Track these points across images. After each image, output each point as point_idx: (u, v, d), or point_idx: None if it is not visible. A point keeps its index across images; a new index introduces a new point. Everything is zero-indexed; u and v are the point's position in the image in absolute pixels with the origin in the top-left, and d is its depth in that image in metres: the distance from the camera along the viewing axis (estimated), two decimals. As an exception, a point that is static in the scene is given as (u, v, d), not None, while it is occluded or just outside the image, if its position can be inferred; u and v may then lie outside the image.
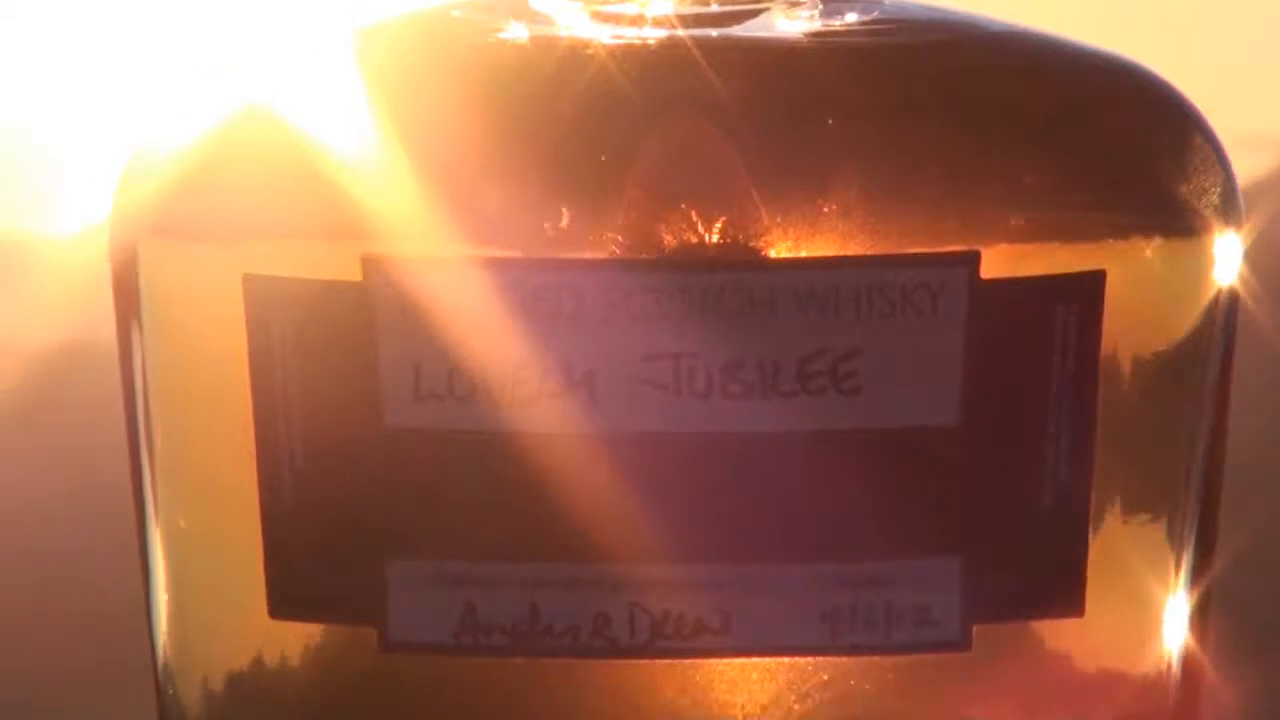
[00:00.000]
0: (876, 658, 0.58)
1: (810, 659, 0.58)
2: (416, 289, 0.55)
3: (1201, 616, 0.61)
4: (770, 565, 0.56)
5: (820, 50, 0.59)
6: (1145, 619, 0.60)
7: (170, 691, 0.62)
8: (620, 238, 0.55)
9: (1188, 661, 0.61)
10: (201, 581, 0.61)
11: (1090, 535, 0.58)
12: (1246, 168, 0.60)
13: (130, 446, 0.62)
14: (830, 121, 0.57)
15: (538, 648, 0.57)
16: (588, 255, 0.55)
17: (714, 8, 0.59)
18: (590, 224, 0.55)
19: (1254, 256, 0.60)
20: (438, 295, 0.55)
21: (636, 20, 0.59)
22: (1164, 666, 0.61)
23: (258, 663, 0.60)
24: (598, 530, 0.56)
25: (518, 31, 0.60)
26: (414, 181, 0.56)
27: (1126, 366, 0.58)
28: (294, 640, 0.59)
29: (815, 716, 0.59)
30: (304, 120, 0.58)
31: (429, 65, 0.59)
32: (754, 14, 0.60)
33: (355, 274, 0.55)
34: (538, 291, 0.55)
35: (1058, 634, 0.59)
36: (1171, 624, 0.61)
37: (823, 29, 0.59)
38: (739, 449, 0.55)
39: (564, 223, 0.54)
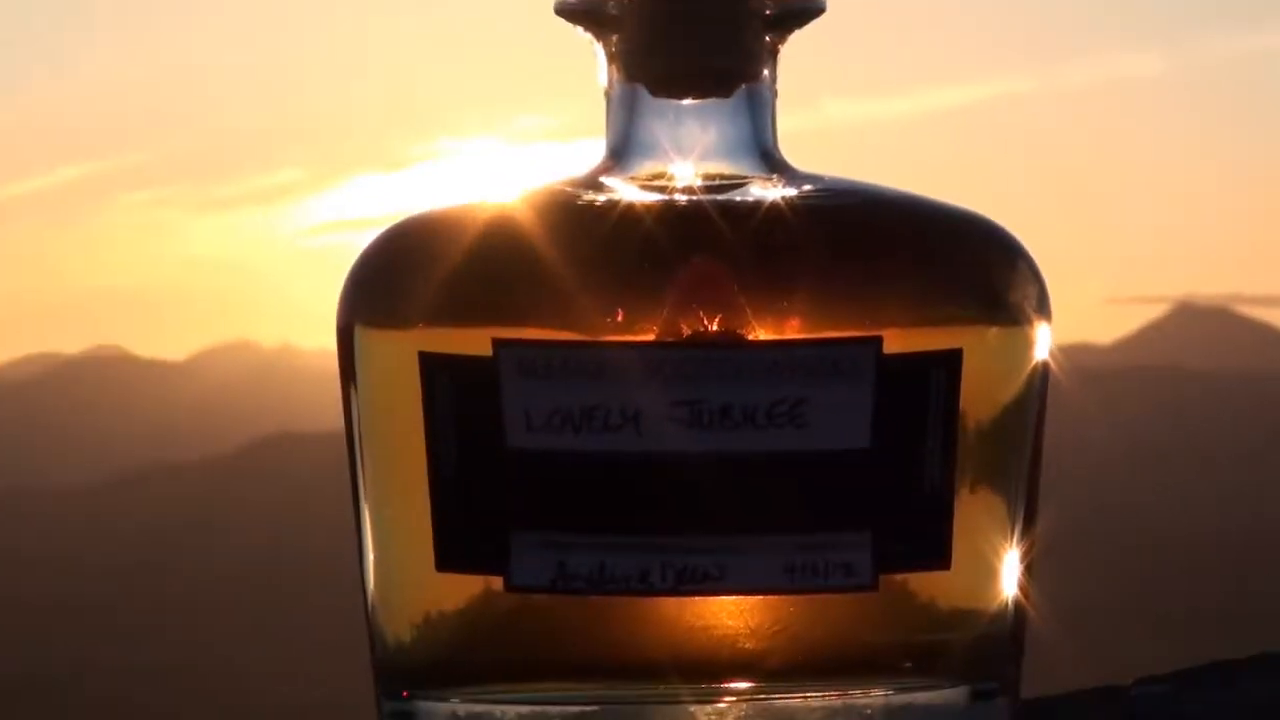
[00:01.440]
0: (819, 596, 0.73)
1: (777, 597, 0.73)
2: (526, 361, 0.73)
3: (1026, 570, 0.76)
4: (752, 536, 0.73)
5: (783, 208, 0.76)
6: (990, 570, 0.76)
7: (376, 623, 0.77)
8: (656, 327, 0.73)
9: (1018, 598, 0.76)
10: (394, 552, 0.77)
11: (954, 517, 0.74)
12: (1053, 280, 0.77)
13: (350, 463, 0.77)
14: (789, 254, 0.75)
15: (604, 590, 0.73)
16: (636, 338, 0.73)
17: (717, 183, 0.77)
18: (639, 319, 0.73)
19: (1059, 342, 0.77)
20: (539, 364, 0.73)
21: (668, 190, 0.77)
22: (1004, 600, 0.76)
23: (430, 601, 0.76)
24: (643, 513, 0.73)
25: (593, 196, 0.77)
26: (527, 292, 0.74)
27: (979, 408, 0.75)
28: (451, 584, 0.75)
29: (783, 634, 0.74)
30: (455, 249, 0.76)
31: (542, 216, 0.76)
32: (742, 185, 0.77)
33: (487, 350, 0.73)
34: (601, 362, 0.73)
35: (933, 580, 0.75)
36: (1008, 573, 0.76)
37: (782, 196, 0.76)
38: (733, 461, 0.72)
39: (620, 318, 0.73)
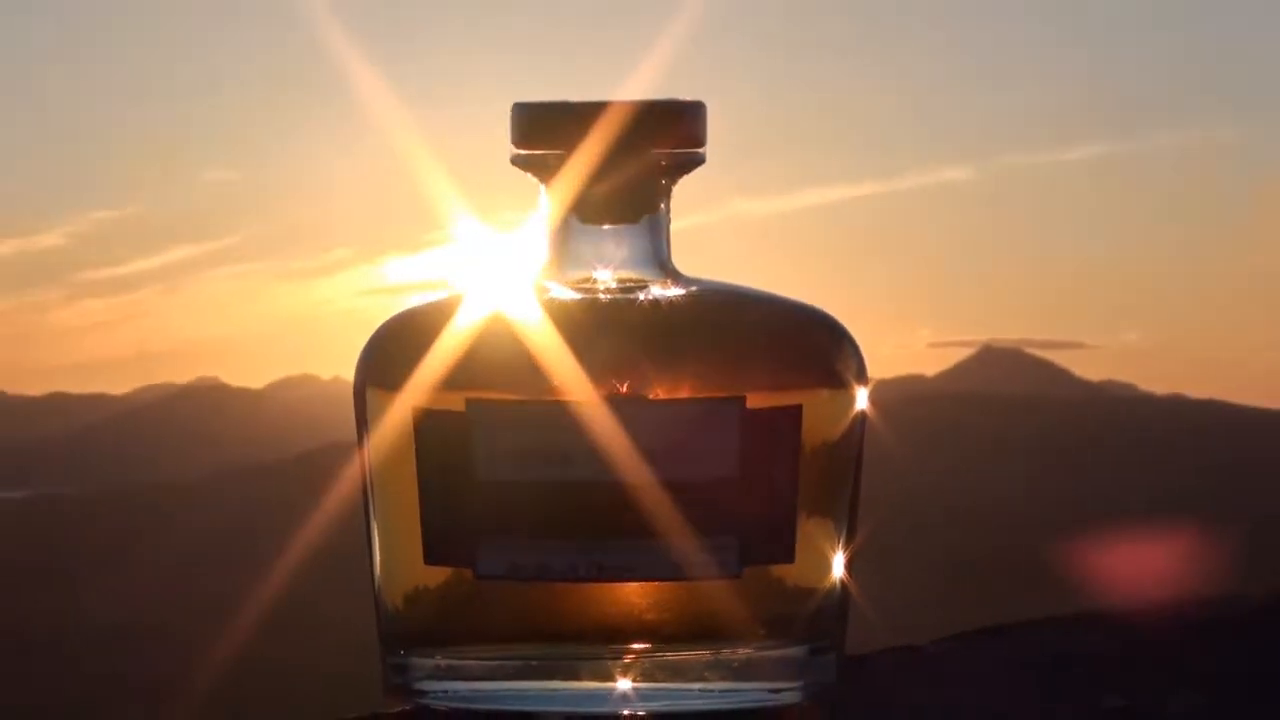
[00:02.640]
0: (701, 581, 0.72)
1: (670, 583, 0.73)
2: (490, 415, 0.73)
3: (848, 562, 0.75)
4: (653, 540, 0.72)
5: (675, 305, 0.75)
6: (823, 563, 0.75)
7: (380, 600, 0.76)
8: (593, 389, 0.72)
9: (844, 581, 0.75)
10: (393, 548, 0.76)
11: (797, 526, 0.73)
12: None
13: (362, 484, 0.76)
14: (678, 337, 0.75)
15: (545, 579, 0.72)
16: (569, 399, 0.72)
17: (627, 285, 0.75)
18: (571, 384, 0.72)
19: (873, 398, 0.76)
20: (499, 417, 0.73)
21: (592, 290, 0.76)
22: (833, 584, 0.75)
23: (419, 584, 0.75)
24: (573, 525, 0.72)
25: (549, 292, 0.75)
26: (490, 365, 0.74)
27: (815, 448, 0.74)
28: (434, 573, 0.74)
29: (674, 609, 0.73)
30: (438, 333, 0.74)
31: (500, 309, 0.75)
32: (645, 287, 0.76)
33: (462, 407, 0.72)
34: (543, 416, 0.72)
35: (782, 570, 0.74)
36: (836, 565, 0.75)
37: (674, 295, 0.76)
38: (639, 487, 0.71)
39: (557, 383, 0.72)
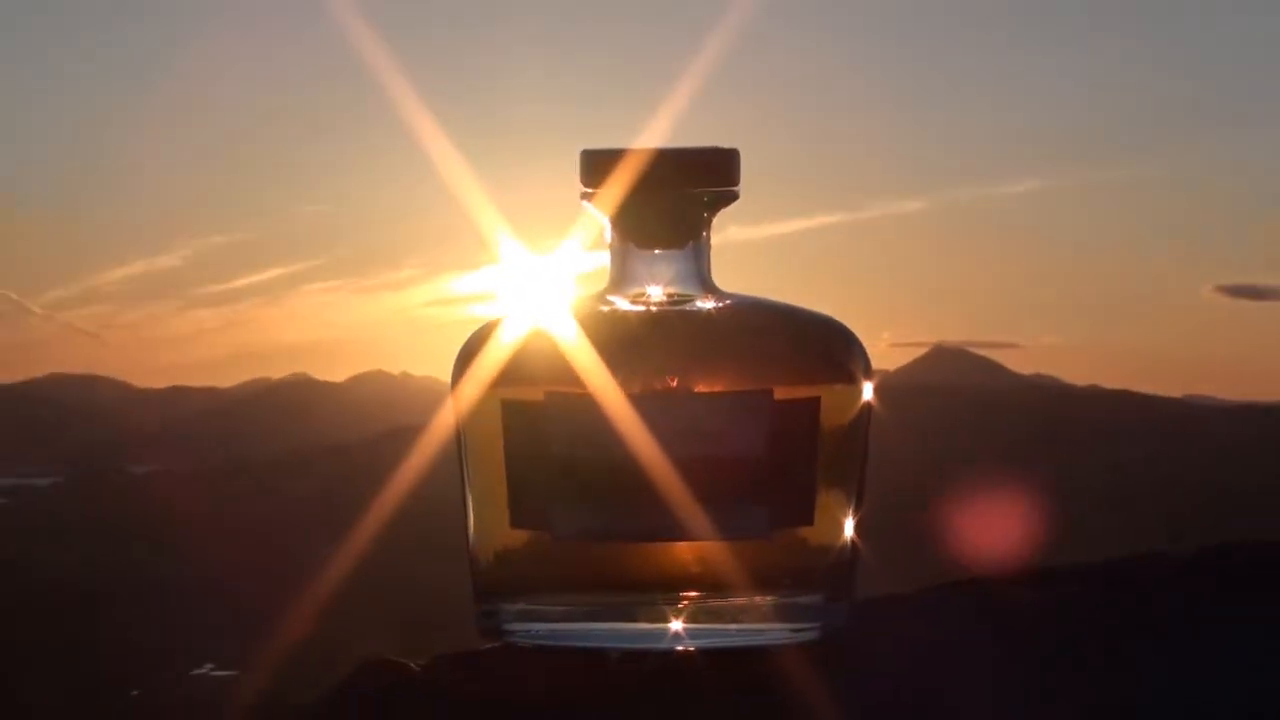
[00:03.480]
0: (738, 541, 0.72)
1: (714, 542, 0.72)
2: (564, 404, 0.72)
3: (857, 529, 0.74)
4: (700, 507, 0.71)
5: (715, 315, 0.75)
6: (837, 527, 0.74)
7: (473, 557, 0.75)
8: (647, 384, 0.72)
9: (853, 541, 0.74)
10: (485, 515, 0.75)
11: (816, 495, 0.73)
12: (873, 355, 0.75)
13: (458, 461, 0.75)
14: (719, 342, 0.74)
15: (609, 539, 0.72)
16: (634, 391, 0.71)
17: (675, 299, 0.75)
18: (631, 379, 0.71)
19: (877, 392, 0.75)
20: (571, 405, 0.72)
21: (646, 304, 0.75)
22: (845, 544, 0.74)
23: (506, 544, 0.74)
24: (633, 494, 0.71)
25: (602, 308, 0.75)
26: (565, 364, 0.72)
27: (830, 432, 0.72)
28: (519, 535, 0.74)
29: (715, 563, 0.72)
30: (518, 334, 0.74)
31: (572, 319, 0.74)
32: (689, 301, 0.75)
33: (540, 398, 0.72)
34: (608, 404, 0.71)
35: (804, 533, 0.73)
36: (848, 529, 0.74)
37: (714, 307, 0.75)
38: (687, 463, 0.71)
39: (618, 379, 0.71)
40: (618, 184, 0.74)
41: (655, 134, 0.78)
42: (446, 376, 0.76)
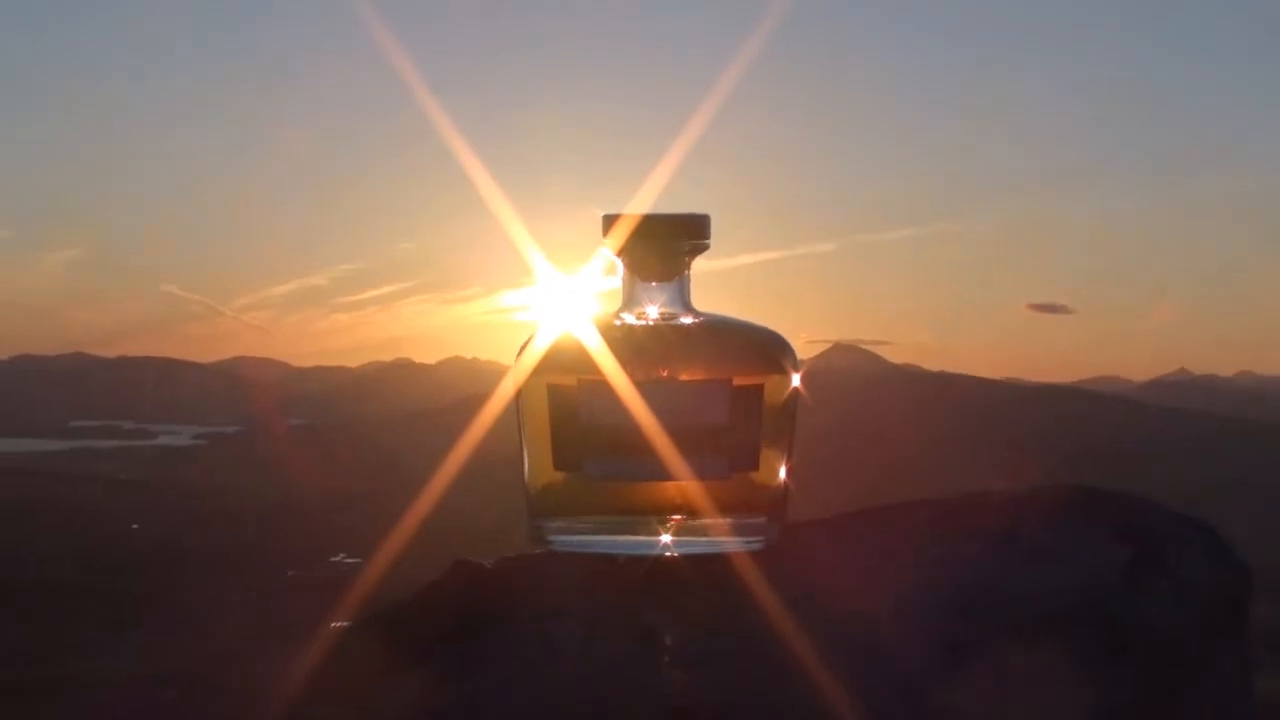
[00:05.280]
0: (708, 480, 0.70)
1: (691, 481, 0.69)
2: (592, 388, 0.70)
3: (788, 473, 0.72)
4: (683, 458, 0.69)
5: (694, 328, 0.72)
6: (774, 471, 0.72)
7: (527, 489, 0.73)
8: (646, 374, 0.69)
9: (786, 483, 0.72)
10: (536, 460, 0.72)
11: (760, 449, 0.70)
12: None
13: (517, 423, 0.73)
14: (696, 344, 0.71)
15: (622, 479, 0.70)
16: (638, 379, 0.69)
17: (666, 316, 0.72)
18: (636, 370, 0.69)
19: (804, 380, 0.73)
20: (597, 390, 0.69)
21: (646, 319, 0.73)
22: (780, 484, 0.72)
23: (551, 480, 0.72)
24: (638, 450, 0.69)
25: (617, 321, 0.72)
26: (595, 359, 0.70)
27: (770, 408, 0.70)
28: (560, 475, 0.71)
29: (691, 495, 0.69)
30: (559, 337, 0.71)
31: (595, 329, 0.71)
32: (676, 318, 0.72)
33: (575, 383, 0.70)
34: (622, 389, 0.69)
35: (752, 475, 0.71)
36: (781, 473, 0.72)
37: (694, 322, 0.72)
38: (674, 429, 0.68)
39: (627, 370, 0.69)
40: (626, 236, 0.72)
41: (648, 200, 0.74)
42: (506, 362, 0.73)
